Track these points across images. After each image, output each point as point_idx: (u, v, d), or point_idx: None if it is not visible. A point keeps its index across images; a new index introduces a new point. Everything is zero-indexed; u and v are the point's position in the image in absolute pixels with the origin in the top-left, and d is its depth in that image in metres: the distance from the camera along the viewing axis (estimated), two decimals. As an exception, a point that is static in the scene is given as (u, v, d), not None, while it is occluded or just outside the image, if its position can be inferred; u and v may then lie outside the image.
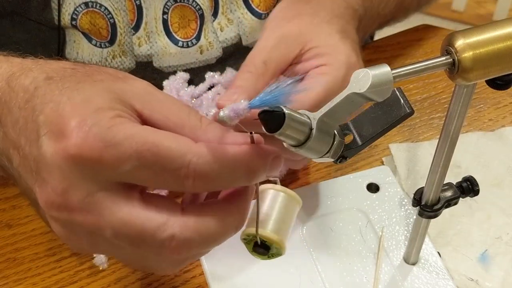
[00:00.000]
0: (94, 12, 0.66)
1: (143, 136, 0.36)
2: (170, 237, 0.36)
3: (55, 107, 0.37)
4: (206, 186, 0.37)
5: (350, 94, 0.37)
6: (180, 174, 0.36)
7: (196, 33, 0.70)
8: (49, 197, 0.37)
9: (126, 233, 0.36)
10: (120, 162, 0.35)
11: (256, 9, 0.72)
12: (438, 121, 0.70)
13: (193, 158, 0.36)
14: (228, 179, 0.37)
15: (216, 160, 0.36)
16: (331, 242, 0.58)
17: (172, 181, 0.36)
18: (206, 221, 0.38)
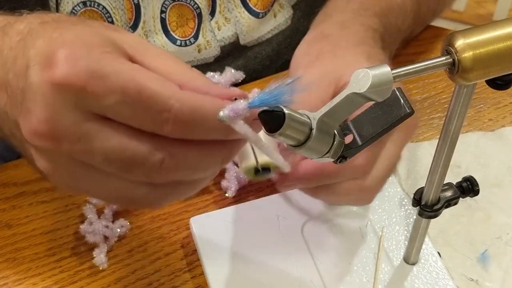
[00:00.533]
0: (92, 11, 0.66)
1: (130, 74, 0.36)
2: (160, 160, 0.37)
3: (46, 41, 0.37)
4: (184, 133, 0.37)
5: (350, 94, 0.37)
6: (161, 117, 0.36)
7: (194, 32, 0.70)
8: (32, 125, 0.36)
9: (118, 157, 0.37)
10: (104, 94, 0.35)
11: (254, 8, 0.72)
12: (438, 121, 0.70)
13: (176, 103, 0.36)
14: (206, 130, 0.38)
15: (198, 110, 0.36)
16: (331, 242, 0.58)
17: (151, 123, 0.36)
18: (193, 151, 0.38)
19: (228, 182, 0.62)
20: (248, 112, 0.37)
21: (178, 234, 0.59)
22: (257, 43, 0.75)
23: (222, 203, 0.62)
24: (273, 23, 0.75)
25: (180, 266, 0.57)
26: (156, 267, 0.57)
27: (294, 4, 0.76)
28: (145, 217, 0.61)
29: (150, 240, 0.59)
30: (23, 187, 0.62)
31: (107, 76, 0.35)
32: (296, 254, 0.56)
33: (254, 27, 0.73)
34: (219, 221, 0.58)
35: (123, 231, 0.59)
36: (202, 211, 0.61)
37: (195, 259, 0.58)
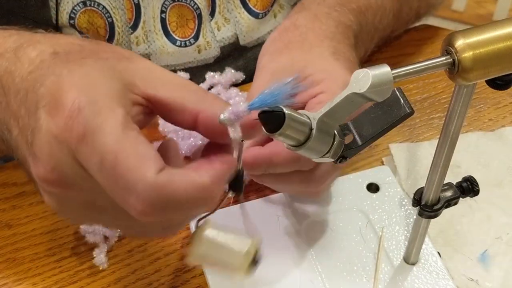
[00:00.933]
0: (92, 11, 0.66)
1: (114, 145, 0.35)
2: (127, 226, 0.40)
3: (55, 79, 0.38)
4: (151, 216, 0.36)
5: (350, 94, 0.37)
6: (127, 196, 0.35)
7: (194, 33, 0.70)
8: (40, 172, 0.38)
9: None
10: (89, 155, 0.36)
11: (253, 8, 0.72)
12: (438, 121, 0.70)
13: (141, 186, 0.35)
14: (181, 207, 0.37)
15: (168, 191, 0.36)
16: (331, 242, 0.58)
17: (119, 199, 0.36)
18: None
19: (228, 182, 0.62)
20: (248, 113, 0.37)
21: (178, 234, 0.59)
22: (257, 44, 0.75)
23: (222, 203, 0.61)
24: (273, 24, 0.75)
25: (180, 266, 0.57)
26: (156, 267, 0.57)
27: (294, 4, 0.76)
28: (145, 217, 0.60)
29: (150, 240, 0.59)
30: (23, 187, 0.62)
31: (95, 140, 0.35)
32: (296, 254, 0.56)
33: (254, 27, 0.73)
34: (218, 221, 0.58)
35: (123, 231, 0.59)
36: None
37: (195, 259, 0.57)
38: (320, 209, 0.60)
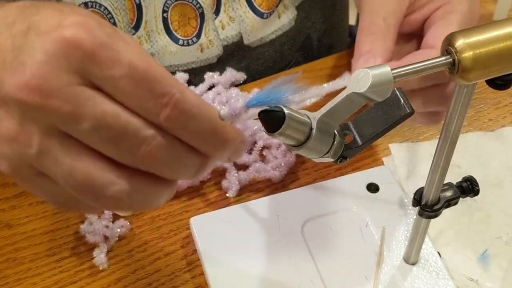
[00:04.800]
0: (94, 12, 0.66)
1: (142, 54, 0.35)
2: (153, 136, 0.35)
3: (56, 12, 0.36)
4: (177, 122, 0.36)
5: (350, 94, 0.37)
6: (162, 100, 0.35)
7: (196, 31, 0.70)
8: (24, 78, 0.34)
9: (109, 125, 0.35)
10: (111, 65, 0.34)
11: (259, 8, 0.72)
12: (438, 121, 0.70)
13: (179, 93, 0.35)
14: (200, 129, 0.36)
15: (198, 106, 0.36)
16: (331, 242, 0.58)
17: (150, 103, 0.35)
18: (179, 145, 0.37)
19: (229, 182, 0.62)
20: (246, 110, 0.37)
21: (178, 234, 0.59)
22: (260, 44, 0.75)
23: (222, 203, 0.62)
24: (277, 24, 0.75)
25: (180, 266, 0.57)
26: (156, 267, 0.57)
27: (299, 5, 0.76)
28: (145, 217, 0.61)
29: (150, 240, 0.59)
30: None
31: (118, 49, 0.34)
32: (296, 254, 0.56)
33: (258, 27, 0.73)
34: (219, 221, 0.58)
35: (123, 231, 0.59)
36: (202, 211, 0.61)
37: (195, 259, 0.58)
38: (320, 209, 0.60)
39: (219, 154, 0.38)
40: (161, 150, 0.36)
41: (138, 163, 0.36)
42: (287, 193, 0.61)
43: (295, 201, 0.60)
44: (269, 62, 0.77)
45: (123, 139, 0.35)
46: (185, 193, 0.62)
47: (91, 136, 0.35)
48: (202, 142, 0.37)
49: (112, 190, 0.36)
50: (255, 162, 0.64)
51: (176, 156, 0.37)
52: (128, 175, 0.36)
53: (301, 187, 0.62)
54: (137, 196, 0.37)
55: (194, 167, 0.38)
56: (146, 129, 0.35)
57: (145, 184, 0.37)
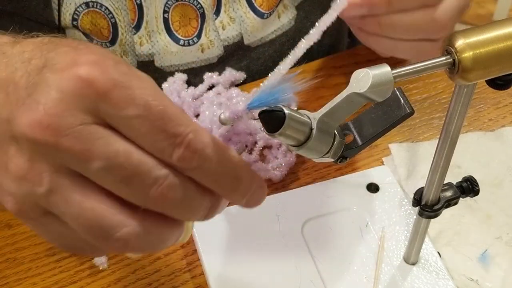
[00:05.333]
0: (95, 12, 0.66)
1: (157, 93, 0.35)
2: (165, 176, 0.35)
3: (71, 49, 0.36)
4: (190, 163, 0.35)
5: (350, 94, 0.37)
6: (175, 140, 0.34)
7: (197, 32, 0.70)
8: (36, 116, 0.33)
9: (121, 164, 0.34)
10: (125, 105, 0.34)
11: (259, 8, 0.72)
12: (438, 121, 0.70)
13: (192, 134, 0.35)
14: (212, 171, 0.36)
15: (211, 147, 0.35)
16: (331, 242, 0.58)
17: (164, 143, 0.34)
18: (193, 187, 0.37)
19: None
20: (247, 112, 0.37)
21: (178, 234, 0.59)
22: (260, 44, 0.75)
23: (222, 203, 0.62)
24: (277, 24, 0.75)
25: (180, 266, 0.57)
26: (156, 267, 0.57)
27: (298, 4, 0.76)
28: (145, 217, 0.61)
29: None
30: (23, 187, 0.62)
31: (133, 88, 0.34)
32: (296, 254, 0.56)
33: (258, 27, 0.73)
34: (219, 221, 0.58)
35: (123, 231, 0.59)
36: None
37: (195, 259, 0.58)
38: (320, 209, 0.60)
39: (232, 196, 0.38)
40: (173, 190, 0.35)
41: (149, 203, 0.36)
42: (287, 193, 0.61)
43: (295, 201, 0.60)
44: (269, 62, 0.77)
45: (135, 179, 0.35)
46: (185, 193, 0.62)
47: (102, 176, 0.35)
48: (215, 184, 0.37)
49: (122, 232, 0.35)
50: (255, 162, 0.64)
51: (188, 197, 0.36)
52: (139, 217, 0.36)
53: (301, 187, 0.62)
54: (146, 238, 0.36)
55: (206, 208, 0.38)
56: (159, 169, 0.35)
57: (155, 225, 0.37)
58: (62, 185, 0.35)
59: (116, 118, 0.34)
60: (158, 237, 0.37)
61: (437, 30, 0.54)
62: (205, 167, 0.35)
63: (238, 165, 0.37)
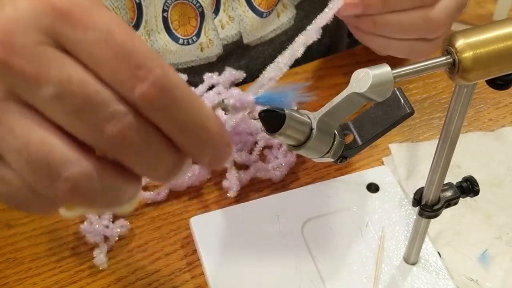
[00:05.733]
0: None
1: (124, 24, 0.31)
2: (124, 112, 0.31)
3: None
4: (154, 103, 0.31)
5: (351, 94, 0.37)
6: (139, 72, 0.30)
7: (196, 31, 0.70)
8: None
9: (75, 92, 0.30)
10: (87, 27, 0.30)
11: (258, 7, 0.72)
12: (438, 121, 0.70)
13: (160, 69, 0.31)
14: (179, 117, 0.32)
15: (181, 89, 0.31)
16: (331, 242, 0.58)
17: (125, 74, 0.31)
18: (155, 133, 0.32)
19: (229, 182, 0.62)
20: (253, 106, 0.36)
21: (178, 234, 0.59)
22: (260, 43, 0.75)
23: (223, 203, 0.62)
24: (276, 23, 0.75)
25: (180, 266, 0.57)
26: (156, 267, 0.57)
27: (297, 4, 0.76)
28: (145, 217, 0.61)
29: (150, 240, 0.59)
30: (23, 187, 0.62)
31: (97, 14, 0.31)
32: (296, 254, 0.56)
33: (258, 26, 0.73)
34: (219, 221, 0.58)
35: (123, 231, 0.59)
36: (202, 211, 0.61)
37: (195, 259, 0.58)
38: (320, 209, 0.60)
39: (197, 151, 0.33)
40: (133, 132, 0.31)
41: (104, 143, 0.31)
42: (287, 193, 0.61)
43: (295, 201, 0.60)
44: (268, 61, 0.76)
45: (89, 112, 0.31)
46: (185, 193, 0.62)
47: (53, 105, 0.31)
48: (180, 133, 0.32)
49: (72, 171, 0.31)
50: (255, 162, 0.64)
51: (148, 144, 0.32)
52: (92, 159, 0.32)
53: (301, 187, 0.62)
54: (98, 186, 0.32)
55: (167, 164, 0.33)
56: (118, 104, 0.31)
57: (109, 172, 0.32)
58: (9, 113, 0.31)
59: (74, 41, 0.31)
60: (111, 188, 0.33)
61: (433, 30, 0.54)
62: (171, 111, 0.31)
63: (209, 116, 0.33)
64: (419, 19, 0.53)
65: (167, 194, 0.62)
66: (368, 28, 0.55)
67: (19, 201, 0.34)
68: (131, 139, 0.31)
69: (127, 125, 0.31)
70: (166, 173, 0.33)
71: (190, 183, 0.62)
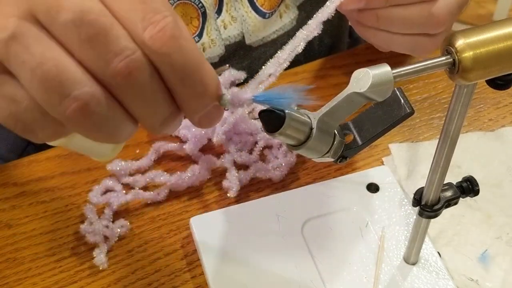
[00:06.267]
0: None
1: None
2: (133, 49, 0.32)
3: None
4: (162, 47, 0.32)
5: (351, 94, 0.37)
6: (152, 16, 0.32)
7: (198, 31, 0.70)
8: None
9: (91, 22, 0.31)
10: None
11: (260, 8, 0.72)
12: (438, 121, 0.70)
13: (171, 17, 0.32)
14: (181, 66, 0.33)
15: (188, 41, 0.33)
16: (331, 242, 0.58)
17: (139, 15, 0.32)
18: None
19: (229, 182, 0.62)
20: (251, 103, 0.36)
21: (178, 234, 0.59)
22: (262, 43, 0.75)
23: (223, 203, 0.62)
24: (278, 24, 0.75)
25: (180, 266, 0.57)
26: (156, 267, 0.57)
27: (300, 4, 0.76)
28: (145, 217, 0.61)
29: (150, 240, 0.59)
30: (23, 187, 0.62)
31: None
32: (296, 254, 0.56)
33: (260, 27, 0.73)
34: (219, 221, 0.58)
35: (123, 231, 0.59)
36: (202, 211, 0.61)
37: (195, 259, 0.58)
38: (320, 209, 0.60)
39: (192, 105, 0.34)
40: (137, 71, 0.32)
41: (109, 75, 0.32)
42: (287, 193, 0.61)
43: (295, 201, 0.60)
44: None
45: (101, 42, 0.32)
46: (185, 193, 0.62)
47: (69, 31, 0.32)
48: (179, 82, 0.33)
49: (82, 91, 0.32)
50: (255, 162, 0.64)
51: (149, 88, 0.33)
52: (100, 85, 0.33)
53: (301, 187, 0.62)
54: (102, 110, 0.33)
55: (163, 113, 0.34)
56: (129, 41, 0.32)
57: (114, 102, 0.33)
58: (27, 32, 0.32)
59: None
60: (113, 118, 0.34)
61: (435, 25, 0.54)
62: (175, 58, 0.33)
63: (208, 72, 0.34)
64: (421, 14, 0.53)
65: (167, 194, 0.62)
66: (371, 23, 0.55)
67: (27, 124, 0.35)
68: (135, 77, 0.32)
69: (133, 63, 0.32)
70: (160, 123, 0.35)
71: (190, 183, 0.62)
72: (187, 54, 0.33)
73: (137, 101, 0.33)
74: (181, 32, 0.32)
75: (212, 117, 0.36)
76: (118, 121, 0.34)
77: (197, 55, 0.33)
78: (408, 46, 0.57)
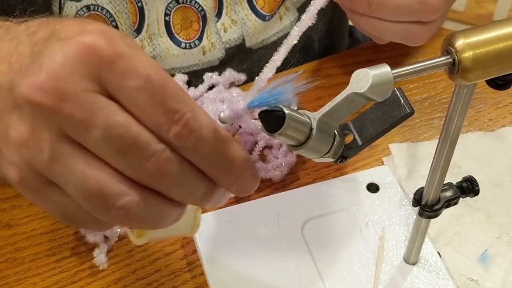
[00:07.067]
0: (97, 15, 0.66)
1: (159, 68, 0.35)
2: (162, 150, 0.35)
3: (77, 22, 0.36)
4: (185, 141, 0.35)
5: (350, 94, 0.37)
6: (173, 116, 0.34)
7: (198, 34, 0.70)
8: (38, 79, 0.33)
9: (120, 135, 0.34)
10: (129, 75, 0.34)
11: (260, 10, 0.72)
12: (438, 121, 0.70)
13: (190, 112, 0.35)
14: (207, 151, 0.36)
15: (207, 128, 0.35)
16: (331, 242, 0.58)
17: (162, 119, 0.34)
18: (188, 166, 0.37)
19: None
20: (248, 112, 0.37)
21: (178, 234, 0.59)
22: (262, 46, 0.75)
23: (222, 203, 0.62)
24: (278, 26, 0.75)
25: (180, 266, 0.57)
26: (156, 267, 0.57)
27: (300, 7, 0.76)
28: (145, 217, 0.61)
29: None
30: (23, 187, 0.62)
31: (137, 60, 0.34)
32: (296, 254, 0.56)
33: (260, 29, 0.73)
34: (219, 221, 0.58)
35: (123, 231, 0.59)
36: (202, 211, 0.61)
37: (195, 259, 0.58)
38: (320, 209, 0.60)
39: (224, 182, 0.37)
40: (170, 165, 0.35)
41: (145, 177, 0.35)
42: (287, 193, 0.61)
43: (295, 201, 0.60)
44: None
45: (133, 151, 0.34)
46: (185, 193, 0.62)
47: (101, 146, 0.34)
48: (208, 166, 0.37)
49: (124, 200, 0.35)
50: (255, 162, 0.64)
51: (184, 175, 0.36)
52: (139, 189, 0.36)
53: (301, 187, 0.62)
54: (146, 210, 0.36)
55: (200, 191, 0.37)
56: (156, 143, 0.35)
57: (154, 199, 0.36)
58: (64, 153, 0.35)
59: (118, 88, 0.34)
60: (158, 210, 0.37)
61: (429, 12, 0.53)
62: (199, 147, 0.35)
63: (233, 150, 0.37)
64: (414, 0, 0.52)
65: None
66: (363, 10, 0.54)
67: (79, 221, 0.38)
68: (168, 173, 0.35)
69: (164, 161, 0.35)
70: (201, 199, 0.38)
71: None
72: (209, 142, 0.35)
73: (174, 188, 0.36)
74: (201, 121, 0.35)
75: (247, 186, 0.38)
76: (160, 211, 0.37)
77: (219, 137, 0.36)
78: (401, 34, 0.56)
